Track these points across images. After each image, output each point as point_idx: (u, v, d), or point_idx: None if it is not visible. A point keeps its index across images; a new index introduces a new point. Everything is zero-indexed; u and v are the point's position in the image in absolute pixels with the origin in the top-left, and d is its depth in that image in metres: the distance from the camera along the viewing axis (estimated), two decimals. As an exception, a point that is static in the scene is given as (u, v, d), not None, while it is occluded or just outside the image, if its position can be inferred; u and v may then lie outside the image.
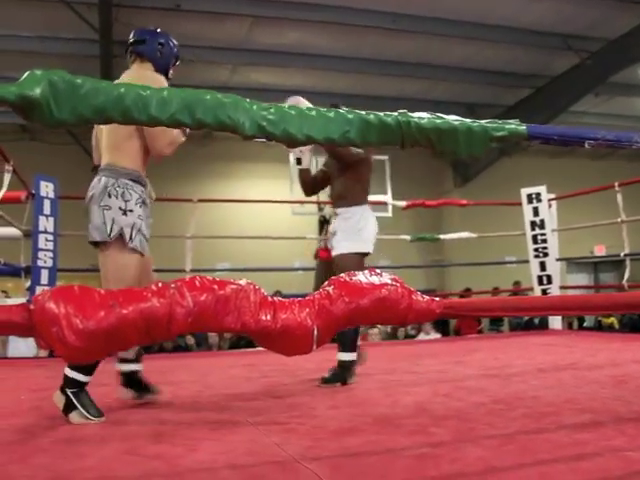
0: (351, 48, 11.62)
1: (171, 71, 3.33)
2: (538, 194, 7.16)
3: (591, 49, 11.85)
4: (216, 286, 1.08)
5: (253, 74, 12.23)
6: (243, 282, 1.13)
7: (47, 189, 5.83)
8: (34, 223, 5.73)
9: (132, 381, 3.17)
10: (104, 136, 3.08)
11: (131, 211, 2.92)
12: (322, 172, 4.31)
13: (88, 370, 2.80)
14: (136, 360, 3.18)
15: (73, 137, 14.16)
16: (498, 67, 12.82)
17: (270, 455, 2.16)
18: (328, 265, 4.07)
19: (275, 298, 1.15)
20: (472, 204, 8.73)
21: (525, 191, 7.26)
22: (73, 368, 2.78)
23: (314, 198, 11.03)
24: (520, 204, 7.33)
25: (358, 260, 3.93)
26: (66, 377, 2.79)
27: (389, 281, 1.23)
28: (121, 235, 2.90)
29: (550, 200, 7.25)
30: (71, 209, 6.37)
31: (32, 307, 0.96)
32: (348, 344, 3.86)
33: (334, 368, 3.82)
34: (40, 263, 5.68)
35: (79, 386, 2.79)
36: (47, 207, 5.80)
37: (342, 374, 3.77)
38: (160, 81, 3.00)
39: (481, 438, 2.32)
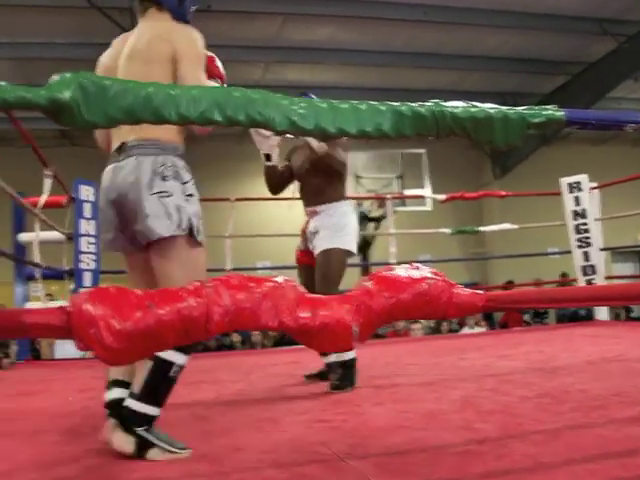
0: (382, 42, 11.55)
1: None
2: (579, 183, 7.03)
3: (628, 33, 11.60)
4: (253, 284, 1.07)
5: (285, 72, 12.24)
6: (280, 279, 1.12)
7: (87, 193, 5.89)
8: (75, 226, 5.80)
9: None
10: None
11: (191, 196, 2.33)
12: (287, 167, 4.00)
13: (160, 401, 2.22)
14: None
15: (112, 141, 14.30)
16: (532, 55, 12.62)
17: (315, 453, 2.15)
18: (309, 269, 3.79)
19: (313, 295, 1.14)
20: (512, 195, 8.60)
21: (565, 180, 7.14)
22: (142, 400, 2.18)
23: (352, 193, 11.05)
24: (561, 194, 7.21)
25: (343, 257, 3.70)
26: (134, 413, 2.19)
27: (429, 275, 1.21)
28: (190, 227, 2.28)
29: (592, 189, 7.11)
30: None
31: (70, 309, 0.96)
32: None
33: (337, 371, 3.50)
34: (82, 266, 5.75)
35: (150, 422, 2.21)
36: (88, 210, 5.87)
37: (350, 376, 3.50)
38: (193, 35, 2.48)
39: (528, 434, 2.28)
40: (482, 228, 8.58)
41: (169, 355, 2.15)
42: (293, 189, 4.03)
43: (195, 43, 2.42)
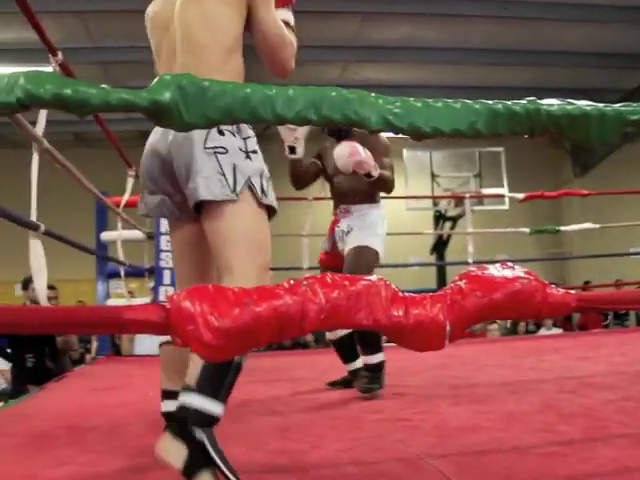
0: (461, 39, 11.43)
1: None
2: (665, 181, 6.83)
3: None
4: (347, 282, 1.08)
5: (363, 71, 12.23)
6: (374, 277, 1.13)
7: (167, 192, 6.01)
8: (156, 225, 5.93)
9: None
10: (186, 50, 2.05)
11: (255, 152, 2.00)
12: (314, 164, 3.81)
13: (223, 394, 1.75)
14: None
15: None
16: (615, 49, 12.26)
17: (394, 452, 2.15)
18: (332, 271, 3.47)
19: (406, 294, 1.14)
20: (594, 194, 8.38)
21: (650, 179, 6.94)
22: (203, 393, 1.69)
23: (429, 192, 10.99)
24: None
25: (374, 257, 3.52)
26: (191, 412, 1.69)
27: (522, 274, 1.20)
28: (250, 188, 1.93)
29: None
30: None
31: (168, 306, 0.99)
32: (374, 345, 3.44)
33: (364, 374, 3.40)
34: (162, 264, 5.87)
35: (211, 423, 1.72)
36: (168, 209, 5.98)
37: (378, 378, 3.37)
38: None
39: (613, 437, 2.22)
40: (563, 228, 8.38)
41: None
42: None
43: None
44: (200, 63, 1.98)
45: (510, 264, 1.24)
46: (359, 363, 3.48)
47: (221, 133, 1.92)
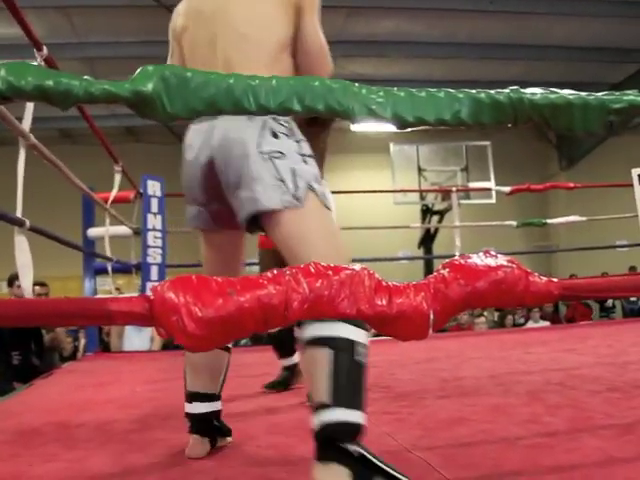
0: (447, 33, 11.46)
1: None
2: (650, 174, 6.86)
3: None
4: (331, 272, 1.08)
5: (350, 65, 12.23)
6: (357, 267, 1.13)
7: (154, 188, 6.00)
8: (143, 221, 5.92)
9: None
10: (232, 47, 1.96)
11: (310, 157, 1.91)
12: None
13: (358, 400, 1.62)
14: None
15: (176, 137, 14.57)
16: (601, 43, 12.33)
17: (382, 444, 2.15)
18: (272, 253, 2.94)
19: (390, 283, 1.15)
20: (580, 187, 8.42)
21: (636, 171, 6.96)
22: (343, 404, 1.57)
23: (416, 186, 10.99)
24: (631, 185, 7.03)
25: None
26: (337, 428, 1.56)
27: (505, 263, 1.21)
28: (312, 191, 1.83)
29: (663, 179, 6.92)
30: (176, 206, 6.46)
31: (152, 297, 0.99)
32: (289, 348, 3.39)
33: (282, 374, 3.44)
34: (150, 260, 5.86)
35: (359, 435, 1.59)
36: (155, 205, 5.98)
37: (290, 377, 3.41)
38: None
39: (598, 428, 2.24)
40: (549, 220, 8.41)
41: (341, 331, 1.57)
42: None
43: None
44: (246, 59, 1.93)
45: (493, 253, 1.24)
46: (296, 358, 3.36)
47: (275, 136, 1.84)
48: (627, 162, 7.73)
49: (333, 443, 1.54)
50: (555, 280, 1.23)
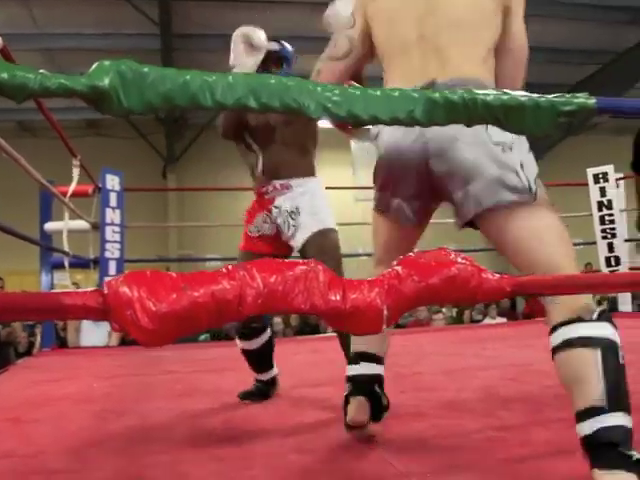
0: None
1: None
2: (605, 174, 6.98)
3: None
4: (285, 267, 1.10)
5: (315, 61, 12.25)
6: (312, 263, 1.14)
7: (113, 182, 5.95)
8: (101, 216, 5.87)
9: None
10: (440, 32, 1.87)
11: (530, 150, 1.89)
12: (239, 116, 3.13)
13: (626, 402, 1.58)
14: None
15: (137, 131, 14.46)
16: (560, 44, 12.54)
17: (338, 439, 2.17)
18: (251, 255, 2.90)
19: (344, 278, 1.16)
20: (536, 186, 8.53)
21: (591, 171, 7.09)
22: (617, 409, 1.55)
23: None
24: (586, 184, 7.16)
25: (337, 237, 3.07)
26: (619, 434, 1.53)
27: (458, 259, 1.23)
28: (540, 188, 1.82)
29: (618, 180, 7.06)
30: (135, 201, 6.44)
31: (106, 292, 0.99)
32: (269, 362, 3.18)
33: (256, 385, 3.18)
34: (108, 254, 5.81)
35: (631, 439, 1.55)
36: (113, 200, 5.93)
37: (266, 390, 3.15)
38: None
39: (550, 421, 2.29)
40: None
41: (607, 332, 1.59)
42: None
43: None
44: (461, 53, 1.85)
45: (448, 249, 1.27)
46: (275, 370, 3.20)
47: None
48: (584, 162, 7.87)
49: (615, 449, 1.50)
50: (507, 277, 1.26)
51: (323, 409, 2.69)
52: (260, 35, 3.01)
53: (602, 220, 6.98)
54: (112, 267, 5.81)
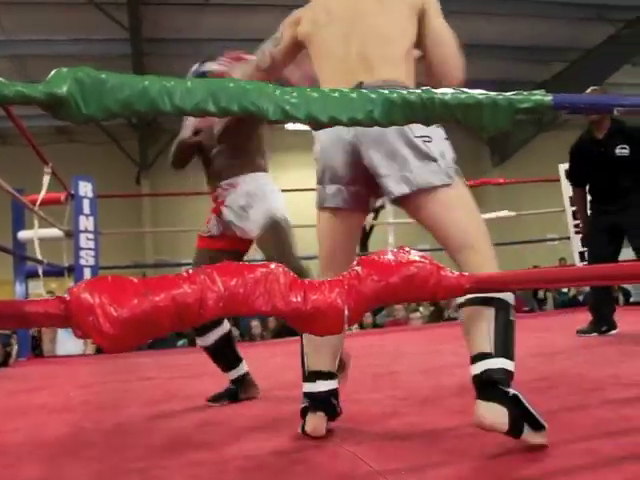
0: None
1: None
2: (576, 169, 7.04)
3: (625, 18, 11.63)
4: (246, 270, 1.10)
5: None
6: (273, 265, 1.14)
7: (85, 189, 5.93)
8: (75, 223, 5.84)
9: None
10: (364, 43, 2.16)
11: (447, 139, 2.14)
12: (193, 136, 3.25)
13: (511, 351, 1.92)
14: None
15: (109, 136, 14.37)
16: (529, 42, 12.64)
17: (313, 440, 2.17)
18: (222, 255, 2.90)
19: (306, 280, 1.17)
20: (509, 183, 8.61)
21: (563, 166, 7.15)
22: (503, 355, 1.88)
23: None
24: (559, 180, 7.22)
25: (289, 226, 3.10)
26: (500, 373, 1.86)
27: (417, 258, 1.24)
28: (458, 173, 2.11)
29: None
30: (110, 207, 6.39)
31: (68, 298, 0.99)
32: (232, 359, 3.18)
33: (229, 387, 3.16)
34: (82, 262, 5.79)
35: (511, 380, 1.89)
36: (86, 207, 5.91)
37: (236, 391, 3.13)
38: None
39: (525, 417, 2.31)
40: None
41: (500, 294, 1.90)
42: None
43: None
44: (383, 57, 2.14)
45: (407, 249, 1.28)
46: (244, 368, 3.17)
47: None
48: (557, 157, 7.93)
49: (494, 385, 1.82)
50: (466, 274, 1.27)
51: (298, 411, 2.70)
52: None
53: (575, 215, 7.04)
54: (87, 274, 5.78)
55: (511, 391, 1.82)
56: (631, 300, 12.49)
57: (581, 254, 6.95)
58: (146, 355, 5.69)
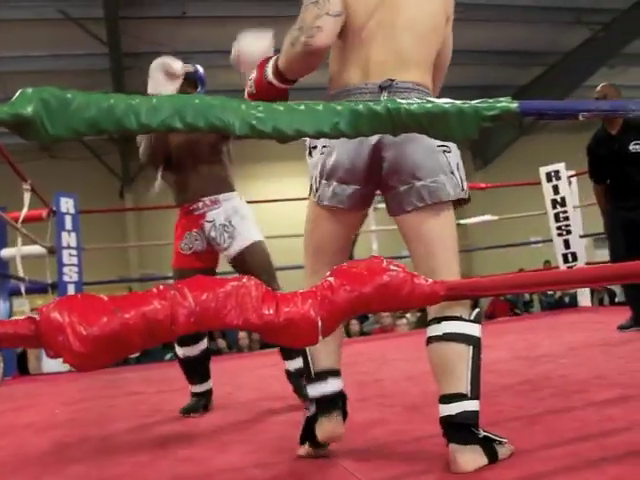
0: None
1: None
2: (557, 172, 7.10)
3: (602, 21, 11.73)
4: (216, 284, 1.10)
5: (265, 74, 12.24)
6: (245, 279, 1.15)
7: (67, 205, 5.91)
8: (57, 239, 5.81)
9: None
10: (412, 40, 2.00)
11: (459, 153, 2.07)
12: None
13: (479, 391, 1.90)
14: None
15: (91, 151, 14.33)
16: (508, 47, 12.72)
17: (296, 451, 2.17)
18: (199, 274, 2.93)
19: (278, 292, 1.17)
20: (492, 187, 8.65)
21: (544, 170, 7.21)
22: (474, 396, 1.86)
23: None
24: (539, 183, 7.27)
25: (266, 248, 3.21)
26: (471, 414, 1.85)
27: (391, 267, 1.25)
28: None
29: (570, 177, 7.17)
30: (93, 222, 6.34)
31: (37, 318, 0.99)
32: (204, 374, 3.28)
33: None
34: (66, 278, 5.77)
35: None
36: (69, 223, 5.89)
37: (206, 401, 3.23)
38: None
39: (507, 420, 2.33)
40: (462, 221, 8.59)
41: (474, 330, 1.87)
42: None
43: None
44: (417, 61, 2.00)
45: (380, 257, 1.29)
46: (210, 384, 3.28)
47: None
48: (538, 161, 7.97)
49: (468, 428, 1.83)
50: (440, 281, 1.28)
51: (285, 423, 2.70)
52: (177, 62, 3.16)
53: (557, 217, 7.09)
54: (71, 290, 5.75)
55: (481, 432, 1.85)
56: (616, 300, 12.57)
57: (564, 256, 7.00)
58: (133, 370, 5.67)
